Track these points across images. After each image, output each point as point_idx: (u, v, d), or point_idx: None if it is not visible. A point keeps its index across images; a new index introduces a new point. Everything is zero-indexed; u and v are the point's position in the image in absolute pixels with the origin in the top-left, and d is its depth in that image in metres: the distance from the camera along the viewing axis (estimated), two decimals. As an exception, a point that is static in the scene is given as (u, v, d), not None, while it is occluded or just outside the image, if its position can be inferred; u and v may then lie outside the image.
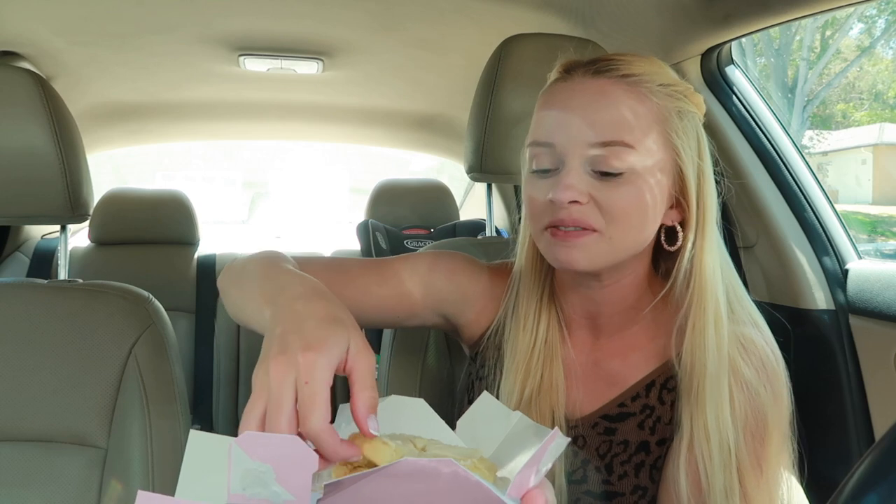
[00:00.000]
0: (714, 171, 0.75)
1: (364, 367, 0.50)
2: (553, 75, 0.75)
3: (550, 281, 0.80)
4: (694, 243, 0.72)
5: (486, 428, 0.62)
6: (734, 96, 1.30)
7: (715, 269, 0.72)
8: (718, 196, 0.74)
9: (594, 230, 0.68)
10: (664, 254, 0.76)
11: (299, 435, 0.46)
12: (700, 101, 0.75)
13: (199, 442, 0.55)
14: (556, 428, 0.50)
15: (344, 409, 0.58)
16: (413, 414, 0.64)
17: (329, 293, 0.58)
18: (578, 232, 0.68)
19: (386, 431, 0.59)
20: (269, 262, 0.68)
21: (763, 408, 0.71)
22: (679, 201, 0.73)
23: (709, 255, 0.72)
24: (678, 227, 0.74)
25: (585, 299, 0.78)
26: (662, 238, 0.74)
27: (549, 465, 0.50)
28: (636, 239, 0.71)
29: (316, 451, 0.46)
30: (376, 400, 0.49)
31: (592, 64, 0.72)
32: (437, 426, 0.63)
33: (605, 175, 0.68)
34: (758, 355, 0.72)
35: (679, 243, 0.73)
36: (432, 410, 0.64)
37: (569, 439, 0.53)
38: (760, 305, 1.33)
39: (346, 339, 0.50)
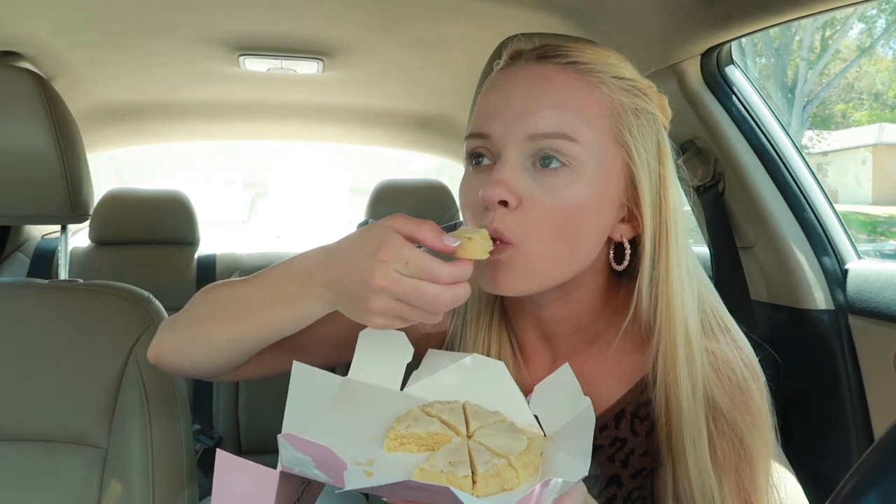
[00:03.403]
0: (683, 185, 0.67)
1: (406, 223, 0.56)
2: (500, 64, 0.68)
3: (500, 301, 0.74)
4: (655, 265, 0.64)
5: (558, 401, 0.65)
6: (734, 96, 1.29)
7: (684, 292, 0.64)
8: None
9: (511, 244, 0.61)
10: (627, 271, 0.68)
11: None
12: (664, 104, 0.67)
13: (302, 374, 0.64)
14: (549, 479, 0.48)
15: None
16: (490, 376, 0.68)
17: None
18: (502, 245, 0.61)
19: (463, 394, 0.66)
20: (227, 285, 0.70)
21: (744, 439, 0.65)
22: (633, 214, 0.65)
23: (675, 278, 0.64)
24: (626, 245, 0.66)
25: (536, 320, 0.72)
26: (611, 256, 0.68)
27: (556, 496, 0.51)
28: (572, 252, 0.63)
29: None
30: (434, 225, 0.56)
31: (538, 49, 0.65)
32: (509, 392, 0.68)
33: (545, 167, 0.61)
34: (732, 379, 0.66)
35: (626, 262, 0.66)
36: (510, 375, 0.69)
37: (582, 476, 0.52)
38: (760, 305, 1.34)
39: (389, 232, 0.56)
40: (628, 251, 0.66)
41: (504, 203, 0.61)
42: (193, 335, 0.70)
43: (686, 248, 0.66)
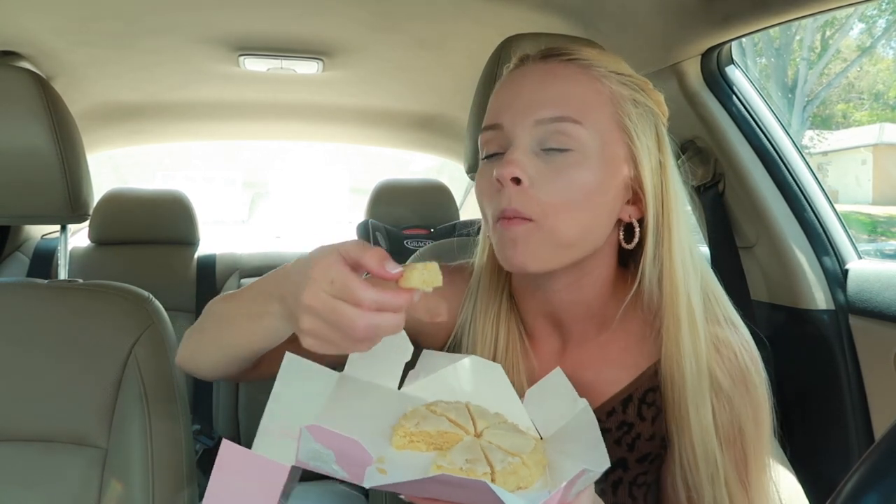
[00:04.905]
0: (681, 176, 0.71)
1: (355, 248, 0.55)
2: (510, 66, 0.73)
3: (508, 289, 0.76)
4: (659, 242, 0.68)
5: (552, 405, 0.66)
6: (734, 96, 1.30)
7: (686, 269, 0.68)
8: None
9: (531, 220, 0.64)
10: (634, 258, 0.72)
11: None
12: (660, 99, 0.71)
13: (293, 366, 0.64)
14: (583, 469, 0.50)
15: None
16: (488, 378, 0.69)
17: None
18: (519, 220, 0.64)
19: (461, 395, 0.66)
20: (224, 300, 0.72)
21: (739, 417, 0.68)
22: (638, 196, 0.69)
23: (677, 256, 0.68)
24: (636, 224, 0.70)
25: (544, 304, 0.73)
26: (621, 236, 0.71)
27: (580, 489, 0.52)
28: (585, 231, 0.66)
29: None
30: (381, 252, 0.55)
31: (543, 51, 0.71)
32: (507, 395, 0.68)
33: (552, 152, 0.64)
34: (733, 360, 0.69)
35: (637, 239, 0.70)
36: (506, 378, 0.69)
37: (604, 468, 0.53)
38: (760, 305, 1.34)
39: (329, 252, 0.55)
40: (638, 228, 0.70)
41: (517, 181, 0.64)
42: (197, 345, 0.73)
43: (687, 230, 0.70)
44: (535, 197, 0.64)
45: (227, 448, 0.54)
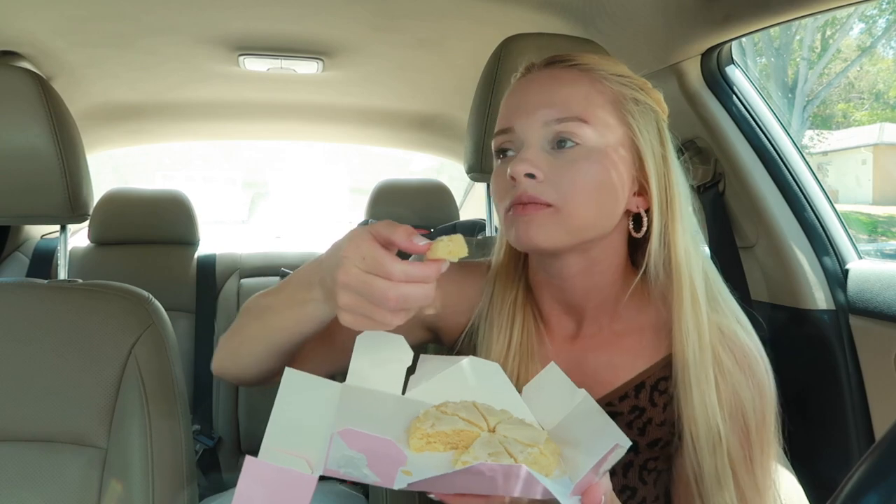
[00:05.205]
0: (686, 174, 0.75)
1: (383, 227, 0.59)
2: (517, 75, 0.78)
3: (525, 281, 0.80)
4: (664, 228, 0.72)
5: (550, 398, 0.67)
6: (734, 96, 1.30)
7: (688, 253, 0.72)
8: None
9: (549, 205, 0.68)
10: (642, 249, 0.75)
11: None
12: (659, 98, 0.75)
13: (294, 381, 0.64)
14: (616, 444, 0.53)
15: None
16: (488, 377, 0.70)
17: None
18: (535, 206, 0.68)
19: (464, 396, 0.67)
20: (261, 296, 0.75)
21: (742, 398, 0.71)
22: (644, 188, 0.73)
23: (681, 241, 0.72)
24: (643, 214, 0.74)
25: (560, 293, 0.77)
26: (630, 226, 0.75)
27: (609, 468, 0.54)
28: (596, 218, 0.70)
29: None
30: (408, 228, 0.59)
31: (547, 59, 0.76)
32: (508, 392, 0.69)
33: (562, 148, 0.69)
34: (739, 346, 0.72)
35: (645, 228, 0.73)
36: (505, 376, 0.71)
37: (629, 444, 0.55)
38: (760, 305, 1.34)
39: (361, 231, 0.59)
40: (645, 218, 0.74)
41: (531, 176, 0.68)
42: (237, 343, 0.76)
43: (689, 218, 0.74)
44: (549, 188, 0.68)
45: (252, 464, 0.53)
